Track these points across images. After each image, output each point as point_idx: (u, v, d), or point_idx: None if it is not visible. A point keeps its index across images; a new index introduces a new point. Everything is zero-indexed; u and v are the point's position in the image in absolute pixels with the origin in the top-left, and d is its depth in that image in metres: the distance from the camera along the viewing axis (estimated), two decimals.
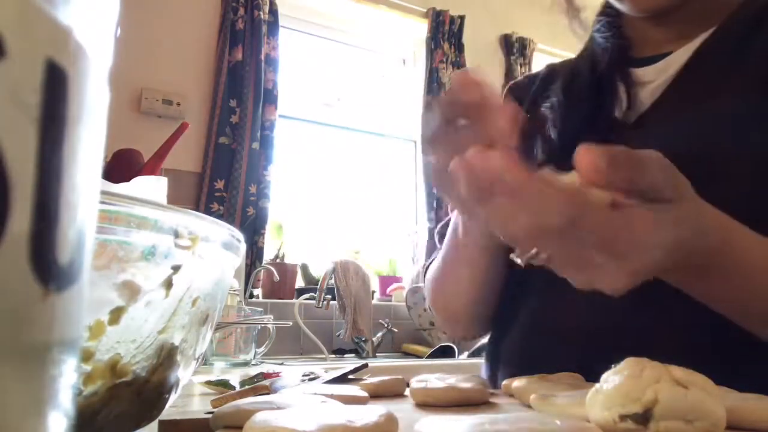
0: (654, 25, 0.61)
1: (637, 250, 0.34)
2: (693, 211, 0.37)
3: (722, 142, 0.50)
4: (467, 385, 0.42)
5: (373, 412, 0.28)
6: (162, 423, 0.36)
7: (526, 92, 0.71)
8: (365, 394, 0.40)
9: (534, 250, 0.36)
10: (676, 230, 0.35)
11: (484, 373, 0.68)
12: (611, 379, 0.29)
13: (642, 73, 0.60)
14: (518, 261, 0.37)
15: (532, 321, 0.60)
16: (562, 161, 0.58)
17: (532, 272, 0.59)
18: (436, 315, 0.72)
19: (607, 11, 0.65)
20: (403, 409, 0.40)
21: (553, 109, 0.62)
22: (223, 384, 0.68)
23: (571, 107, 0.61)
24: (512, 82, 0.78)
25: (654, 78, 0.58)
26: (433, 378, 0.45)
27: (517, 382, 0.44)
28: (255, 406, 0.32)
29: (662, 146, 0.51)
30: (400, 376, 0.49)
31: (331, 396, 0.36)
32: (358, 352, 2.07)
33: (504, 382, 0.46)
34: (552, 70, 0.72)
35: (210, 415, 0.34)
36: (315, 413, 0.27)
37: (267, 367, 1.28)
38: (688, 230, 0.36)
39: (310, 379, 0.58)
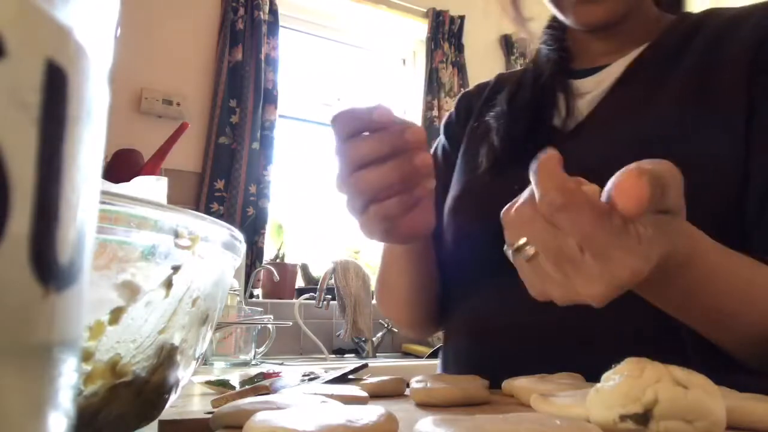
0: (595, 38, 0.65)
1: (626, 255, 0.33)
2: (684, 225, 0.38)
3: (655, 150, 0.51)
4: (467, 385, 0.42)
5: (373, 412, 0.28)
6: (162, 423, 0.36)
7: (477, 101, 0.75)
8: (365, 394, 0.40)
9: (523, 240, 0.36)
10: (668, 242, 0.35)
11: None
12: (611, 379, 0.28)
13: (580, 84, 0.63)
14: (509, 254, 0.38)
15: (474, 323, 0.62)
16: (505, 168, 0.62)
17: (476, 275, 0.61)
18: (389, 316, 0.76)
19: (554, 24, 0.69)
20: (403, 409, 0.40)
21: (497, 118, 0.66)
22: (223, 384, 0.68)
23: (514, 117, 0.64)
24: (464, 90, 0.81)
25: (591, 89, 0.62)
26: (433, 378, 0.45)
27: (517, 382, 0.44)
28: (255, 406, 0.32)
29: (597, 154, 0.55)
30: (400, 376, 0.49)
31: (331, 396, 0.36)
32: (358, 352, 2.07)
33: (504, 382, 0.46)
34: (500, 80, 0.75)
35: (210, 415, 0.34)
36: (315, 413, 0.27)
37: (267, 367, 1.28)
38: (673, 243, 0.36)
39: (310, 379, 0.58)
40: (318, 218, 2.40)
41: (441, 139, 0.78)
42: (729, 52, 0.55)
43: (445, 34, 2.53)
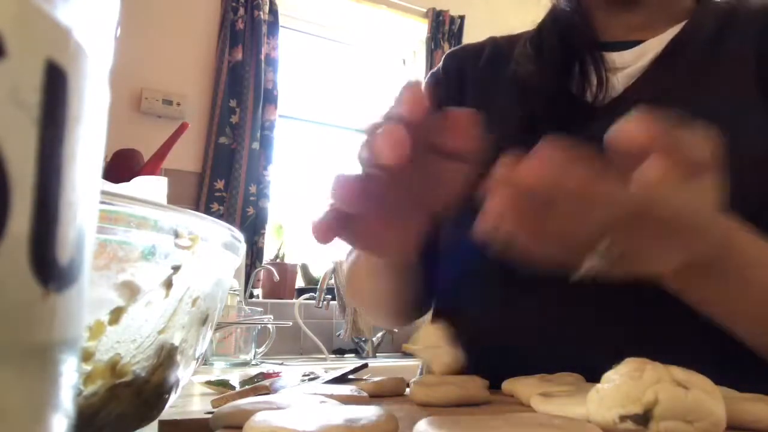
0: (617, 11, 0.60)
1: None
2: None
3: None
4: (467, 385, 0.42)
5: (373, 412, 0.28)
6: (162, 423, 0.36)
7: (470, 65, 0.68)
8: (365, 394, 0.40)
9: (600, 253, 0.33)
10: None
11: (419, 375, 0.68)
12: (611, 379, 0.28)
13: (617, 57, 0.59)
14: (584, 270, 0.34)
15: (471, 321, 0.58)
16: (531, 131, 0.55)
17: (475, 268, 0.54)
18: (357, 307, 0.71)
19: None
20: (403, 409, 0.40)
21: (527, 75, 0.60)
22: (223, 384, 0.68)
23: (546, 81, 0.59)
24: (450, 50, 0.74)
25: (627, 64, 0.58)
26: (433, 378, 0.45)
27: (518, 382, 0.43)
28: (255, 406, 0.32)
29: None
30: (400, 377, 0.49)
31: (331, 396, 0.36)
32: (358, 352, 2.07)
33: (505, 382, 0.46)
34: (497, 45, 0.69)
35: (210, 415, 0.34)
36: (315, 413, 0.27)
37: (267, 367, 1.28)
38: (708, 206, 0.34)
39: (311, 379, 0.58)
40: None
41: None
42: None
43: (445, 34, 2.53)
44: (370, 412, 0.27)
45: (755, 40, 0.53)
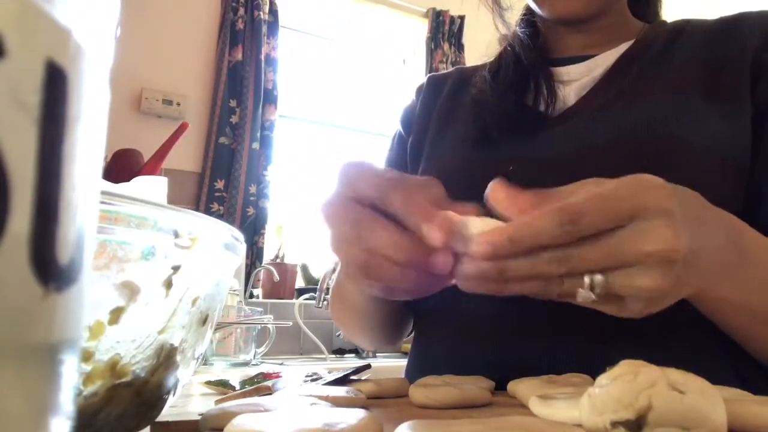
0: (570, 32, 0.64)
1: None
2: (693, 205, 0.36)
3: (656, 133, 0.52)
4: (468, 386, 0.42)
5: (354, 415, 0.27)
6: (153, 425, 0.35)
7: (440, 86, 0.73)
8: (362, 395, 0.40)
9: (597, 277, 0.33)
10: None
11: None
12: (604, 382, 0.27)
13: (565, 71, 0.62)
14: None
15: (460, 325, 0.58)
16: (495, 145, 0.59)
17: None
18: (343, 327, 0.72)
19: (530, 13, 0.69)
20: (402, 410, 0.40)
21: (482, 93, 0.64)
22: (223, 384, 0.68)
23: (501, 92, 0.63)
24: (430, 74, 0.79)
25: (579, 77, 0.61)
26: (434, 379, 0.44)
27: (519, 384, 0.43)
28: (242, 408, 0.32)
29: (595, 137, 0.54)
30: (403, 377, 0.49)
31: (326, 398, 0.36)
32: (358, 352, 2.07)
33: (510, 384, 0.45)
34: (463, 72, 0.74)
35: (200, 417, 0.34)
36: (295, 416, 0.27)
37: (267, 367, 1.28)
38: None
39: (313, 380, 0.58)
40: (318, 218, 2.40)
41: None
42: (728, 51, 0.55)
43: (445, 34, 2.53)
44: (351, 416, 0.27)
45: (699, 51, 0.56)
